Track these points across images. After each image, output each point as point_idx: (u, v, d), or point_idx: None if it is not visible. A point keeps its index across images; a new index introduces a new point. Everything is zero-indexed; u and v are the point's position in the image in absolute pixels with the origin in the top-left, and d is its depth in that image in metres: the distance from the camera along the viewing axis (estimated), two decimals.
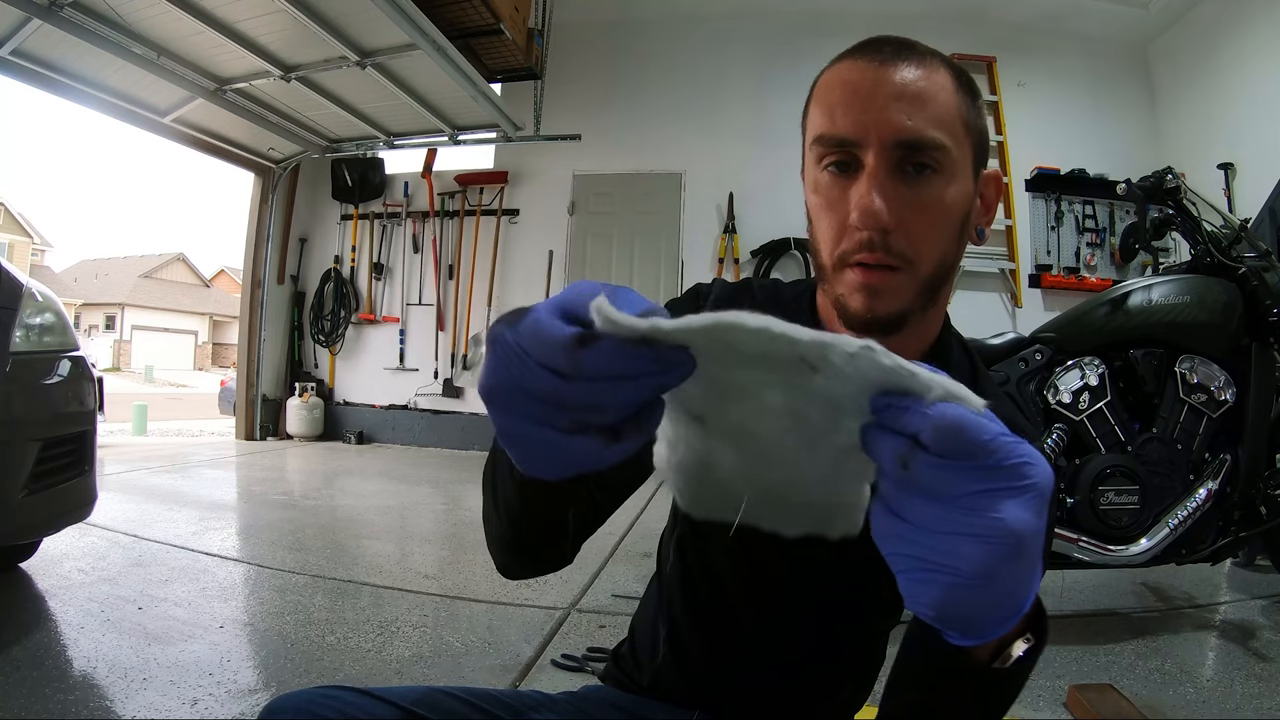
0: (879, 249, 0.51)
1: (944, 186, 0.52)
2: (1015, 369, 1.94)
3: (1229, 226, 2.01)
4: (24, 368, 1.66)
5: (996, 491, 0.29)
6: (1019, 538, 0.29)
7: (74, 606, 1.81)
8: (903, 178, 0.51)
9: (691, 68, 5.39)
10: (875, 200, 0.50)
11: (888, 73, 0.51)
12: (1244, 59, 4.44)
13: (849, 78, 0.52)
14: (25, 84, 3.85)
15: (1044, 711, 1.47)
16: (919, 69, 0.52)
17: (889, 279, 0.52)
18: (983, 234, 0.58)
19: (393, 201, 5.86)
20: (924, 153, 0.51)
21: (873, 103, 0.51)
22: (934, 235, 0.53)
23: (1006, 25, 5.25)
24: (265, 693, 1.42)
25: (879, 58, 0.52)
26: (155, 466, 4.30)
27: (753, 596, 0.67)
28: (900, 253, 0.51)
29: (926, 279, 0.53)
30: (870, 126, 0.51)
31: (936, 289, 0.55)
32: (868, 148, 0.51)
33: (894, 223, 0.51)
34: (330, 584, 2.15)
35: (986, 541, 0.29)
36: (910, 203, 0.51)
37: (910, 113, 0.50)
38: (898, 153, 0.51)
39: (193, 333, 31.54)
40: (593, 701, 0.72)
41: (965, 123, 0.53)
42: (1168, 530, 1.82)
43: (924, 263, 0.53)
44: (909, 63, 0.52)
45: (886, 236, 0.51)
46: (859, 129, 0.51)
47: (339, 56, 4.06)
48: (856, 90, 0.51)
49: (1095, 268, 5.09)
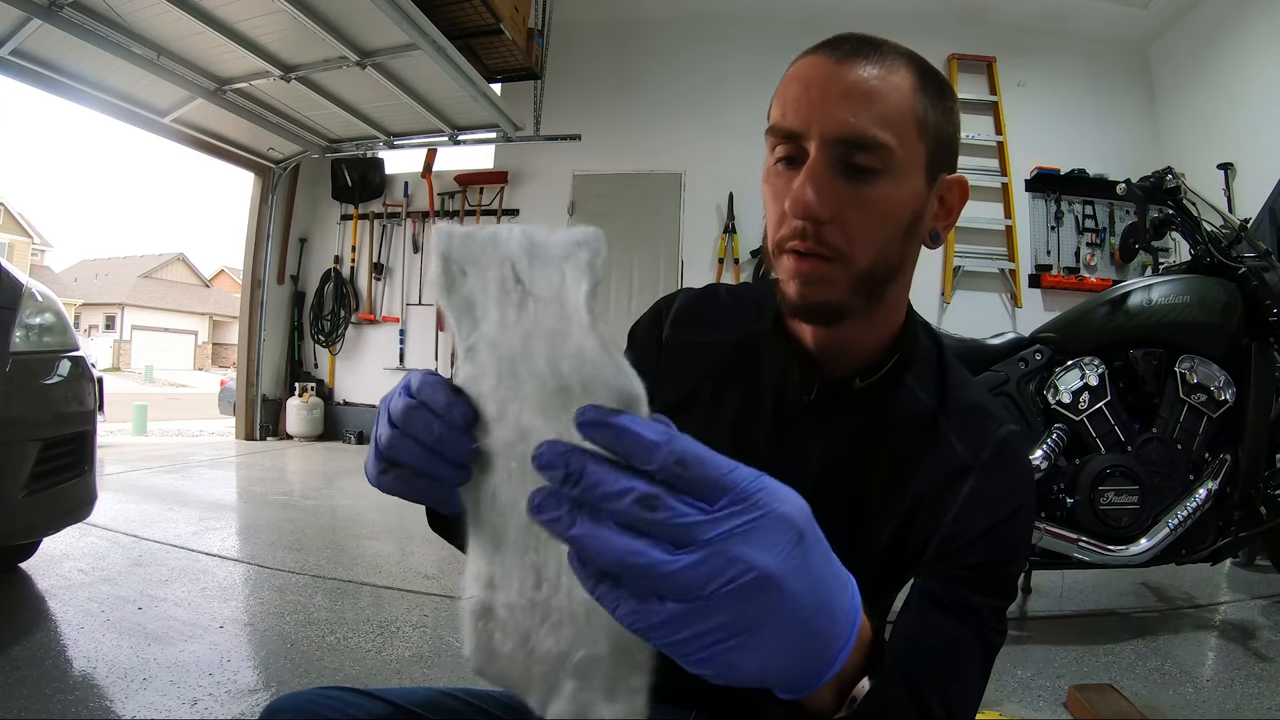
0: (810, 239, 0.52)
1: (886, 186, 0.52)
2: (1015, 369, 1.94)
3: (1229, 226, 2.01)
4: (24, 368, 1.66)
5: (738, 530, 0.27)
6: (767, 579, 0.27)
7: (74, 606, 1.81)
8: (844, 173, 0.51)
9: (691, 68, 5.39)
10: (808, 191, 0.50)
11: (843, 70, 0.51)
12: (1244, 59, 4.44)
13: (806, 73, 0.53)
14: (25, 84, 3.86)
15: (1044, 711, 1.47)
16: (877, 67, 0.52)
17: (819, 268, 0.52)
18: (937, 237, 0.57)
19: (393, 201, 5.86)
20: (865, 151, 0.51)
21: (822, 98, 0.51)
22: (871, 233, 0.52)
23: (1006, 25, 5.25)
24: (265, 693, 1.42)
25: (838, 54, 0.52)
26: (155, 466, 4.30)
27: None
28: (833, 245, 0.52)
29: (861, 274, 0.53)
30: (814, 121, 0.51)
31: (877, 286, 0.54)
32: (810, 141, 0.51)
33: (828, 215, 0.51)
34: (330, 584, 2.15)
35: (737, 591, 0.27)
36: (848, 198, 0.51)
37: (855, 110, 0.50)
38: (839, 149, 0.51)
39: (193, 333, 31.53)
40: None
41: (919, 123, 0.53)
42: (1168, 530, 1.82)
43: (858, 258, 0.52)
44: (868, 60, 0.52)
45: (820, 228, 0.51)
46: (804, 123, 0.51)
47: (339, 56, 4.06)
48: (810, 85, 0.52)
49: (1095, 268, 5.09)
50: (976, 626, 0.51)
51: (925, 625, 0.50)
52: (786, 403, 0.60)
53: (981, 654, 0.51)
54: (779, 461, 0.60)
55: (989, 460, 0.54)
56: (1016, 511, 0.54)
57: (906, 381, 0.58)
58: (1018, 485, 0.55)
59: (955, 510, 0.53)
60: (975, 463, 0.54)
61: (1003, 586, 0.53)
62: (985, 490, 0.53)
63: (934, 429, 0.56)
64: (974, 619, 0.51)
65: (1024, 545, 0.55)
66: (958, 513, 0.53)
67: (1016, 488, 0.55)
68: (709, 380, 0.63)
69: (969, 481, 0.54)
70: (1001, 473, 0.54)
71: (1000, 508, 0.53)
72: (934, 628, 0.50)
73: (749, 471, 0.29)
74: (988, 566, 0.52)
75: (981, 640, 0.51)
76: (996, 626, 0.52)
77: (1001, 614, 0.53)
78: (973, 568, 0.52)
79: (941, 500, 0.54)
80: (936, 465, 0.55)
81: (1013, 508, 0.53)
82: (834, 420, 0.58)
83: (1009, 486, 0.54)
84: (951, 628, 0.50)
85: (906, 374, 0.58)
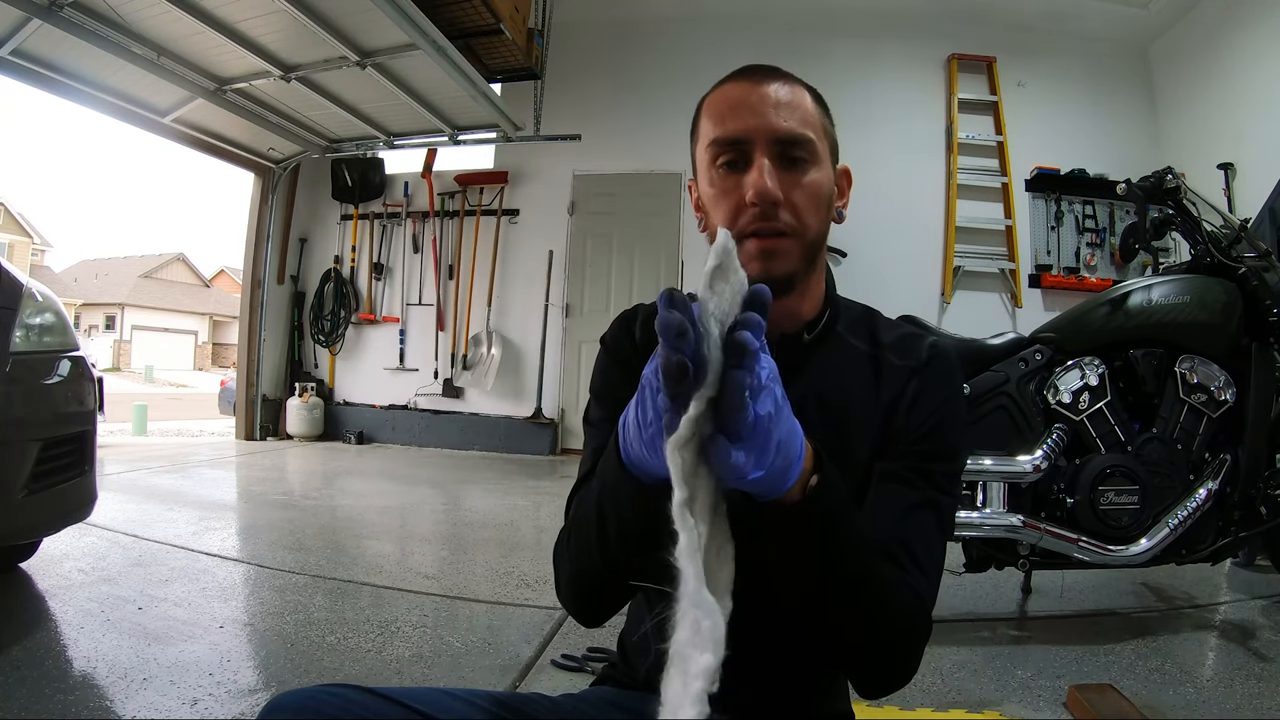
0: (771, 219, 0.63)
1: (815, 172, 0.66)
2: (1015, 369, 1.94)
3: (1229, 226, 2.01)
4: (24, 368, 1.66)
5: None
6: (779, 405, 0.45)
7: (74, 606, 1.81)
8: (783, 166, 0.64)
9: (691, 68, 5.36)
10: (766, 180, 0.63)
11: (764, 88, 0.65)
12: (1244, 59, 4.44)
13: (733, 94, 0.66)
14: (25, 84, 3.85)
15: (1044, 711, 1.47)
16: (786, 85, 0.66)
17: (781, 243, 0.64)
18: (841, 215, 0.71)
19: (393, 201, 5.86)
20: (799, 145, 0.65)
21: (758, 109, 0.64)
22: (811, 210, 0.65)
23: (1006, 25, 5.25)
24: (265, 693, 1.42)
25: (754, 79, 0.66)
26: (155, 466, 4.30)
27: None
28: (787, 223, 0.64)
29: (809, 245, 0.66)
30: (756, 127, 0.64)
31: (815, 255, 0.68)
32: (756, 143, 0.64)
33: (782, 199, 0.63)
34: (330, 584, 2.15)
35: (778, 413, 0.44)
36: (791, 184, 0.64)
37: (786, 116, 0.64)
38: (778, 147, 0.64)
39: (193, 333, 31.51)
40: (592, 702, 0.72)
41: (822, 126, 0.68)
42: (1168, 530, 1.82)
43: (807, 231, 0.65)
44: (779, 80, 0.66)
45: (776, 210, 0.63)
46: (748, 130, 0.64)
47: (339, 56, 4.06)
48: (742, 102, 0.65)
49: (1095, 268, 5.09)
50: (931, 491, 0.64)
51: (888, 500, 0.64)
52: None
53: (936, 516, 0.64)
54: None
55: (925, 361, 0.69)
56: (953, 393, 0.69)
57: (840, 333, 0.72)
58: (950, 372, 0.69)
59: (907, 403, 0.67)
60: (917, 365, 0.69)
61: (950, 452, 0.67)
62: (926, 382, 0.68)
63: (876, 362, 0.70)
64: (928, 483, 0.64)
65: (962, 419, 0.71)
66: (909, 405, 0.67)
67: (950, 374, 0.69)
68: None
69: (913, 381, 0.68)
70: (936, 365, 0.69)
71: (940, 391, 0.68)
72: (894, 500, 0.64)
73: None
74: (936, 437, 0.66)
75: (935, 504, 0.64)
76: (949, 489, 0.66)
77: (953, 478, 0.67)
78: (923, 439, 0.66)
79: (897, 404, 0.67)
80: (890, 383, 0.68)
81: (950, 390, 0.68)
82: (792, 374, 0.67)
83: (944, 375, 0.69)
84: (909, 495, 0.64)
85: (838, 327, 0.72)
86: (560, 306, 5.54)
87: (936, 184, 5.23)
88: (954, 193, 5.14)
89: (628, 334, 0.74)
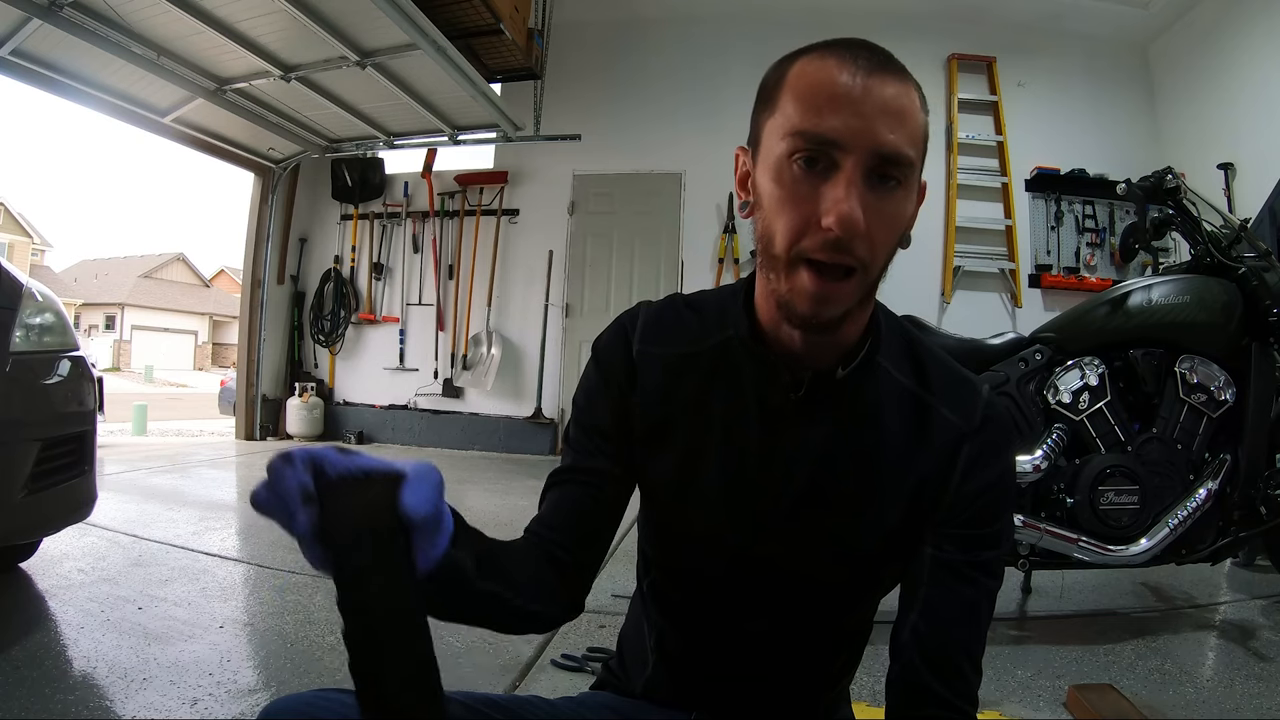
0: (843, 250, 0.53)
1: (903, 199, 0.55)
2: (1015, 369, 1.94)
3: (1229, 226, 2.01)
4: (24, 368, 1.66)
5: None
6: None
7: (74, 606, 1.81)
8: (870, 186, 0.53)
9: (691, 68, 5.38)
10: (856, 209, 0.51)
11: (875, 84, 0.53)
12: (1244, 59, 4.44)
13: (836, 80, 0.53)
14: (25, 84, 3.85)
15: (1044, 711, 1.47)
16: (899, 85, 0.54)
17: (844, 287, 0.54)
18: (908, 240, 0.59)
19: (393, 201, 5.86)
20: (897, 167, 0.53)
21: (863, 110, 0.52)
22: (887, 243, 0.55)
23: (1006, 25, 5.24)
24: (265, 693, 1.42)
25: (862, 63, 0.53)
26: (155, 466, 4.30)
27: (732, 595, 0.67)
28: (859, 256, 0.53)
29: (872, 283, 0.57)
30: (858, 134, 0.52)
31: (874, 290, 0.58)
32: (850, 153, 0.52)
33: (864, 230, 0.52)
34: (330, 584, 2.14)
35: None
36: (875, 211, 0.53)
37: (893, 127, 0.52)
38: (874, 163, 0.52)
39: (193, 333, 31.51)
40: (590, 706, 0.72)
41: (925, 140, 0.56)
42: (1168, 530, 1.82)
43: (875, 267, 0.55)
44: (893, 76, 0.54)
45: (853, 240, 0.53)
46: (847, 134, 0.52)
47: (339, 56, 4.06)
48: (846, 94, 0.52)
49: (1095, 268, 5.09)
50: (988, 582, 0.61)
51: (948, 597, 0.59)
52: (771, 403, 0.62)
53: (989, 608, 0.61)
54: (773, 458, 0.61)
55: (979, 425, 0.61)
56: (1007, 468, 0.63)
57: (880, 363, 0.63)
58: (1006, 442, 0.63)
59: (958, 474, 0.60)
60: (969, 428, 0.61)
61: (1003, 537, 0.62)
62: (981, 452, 0.61)
63: (921, 404, 0.62)
64: (984, 574, 0.60)
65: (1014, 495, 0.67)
66: (961, 476, 0.60)
67: (1006, 444, 0.63)
68: (693, 390, 0.64)
69: (966, 446, 0.61)
70: (991, 432, 0.62)
71: (994, 464, 0.61)
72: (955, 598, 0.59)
73: None
74: (989, 518, 0.61)
75: (989, 595, 0.61)
76: (998, 574, 0.62)
77: (1002, 563, 0.63)
78: (976, 520, 0.60)
79: (943, 467, 0.61)
80: (934, 437, 0.61)
81: (1004, 465, 0.62)
82: (822, 411, 0.62)
83: (999, 446, 0.62)
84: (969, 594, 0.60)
85: (878, 356, 0.63)
86: (560, 306, 5.54)
87: (936, 184, 5.22)
88: (954, 193, 5.14)
89: (623, 346, 0.67)
